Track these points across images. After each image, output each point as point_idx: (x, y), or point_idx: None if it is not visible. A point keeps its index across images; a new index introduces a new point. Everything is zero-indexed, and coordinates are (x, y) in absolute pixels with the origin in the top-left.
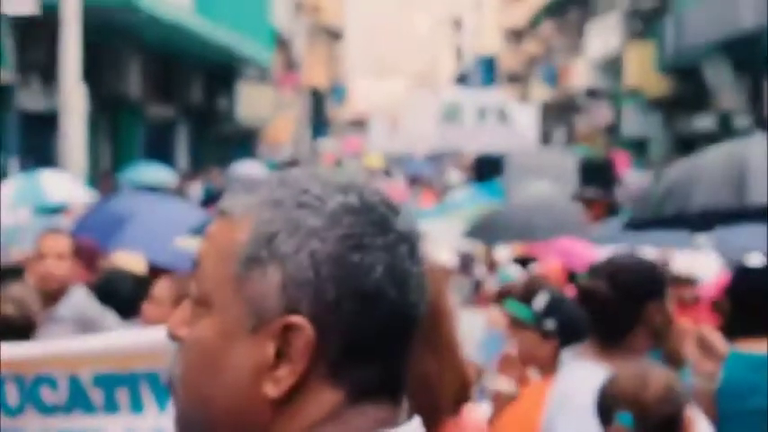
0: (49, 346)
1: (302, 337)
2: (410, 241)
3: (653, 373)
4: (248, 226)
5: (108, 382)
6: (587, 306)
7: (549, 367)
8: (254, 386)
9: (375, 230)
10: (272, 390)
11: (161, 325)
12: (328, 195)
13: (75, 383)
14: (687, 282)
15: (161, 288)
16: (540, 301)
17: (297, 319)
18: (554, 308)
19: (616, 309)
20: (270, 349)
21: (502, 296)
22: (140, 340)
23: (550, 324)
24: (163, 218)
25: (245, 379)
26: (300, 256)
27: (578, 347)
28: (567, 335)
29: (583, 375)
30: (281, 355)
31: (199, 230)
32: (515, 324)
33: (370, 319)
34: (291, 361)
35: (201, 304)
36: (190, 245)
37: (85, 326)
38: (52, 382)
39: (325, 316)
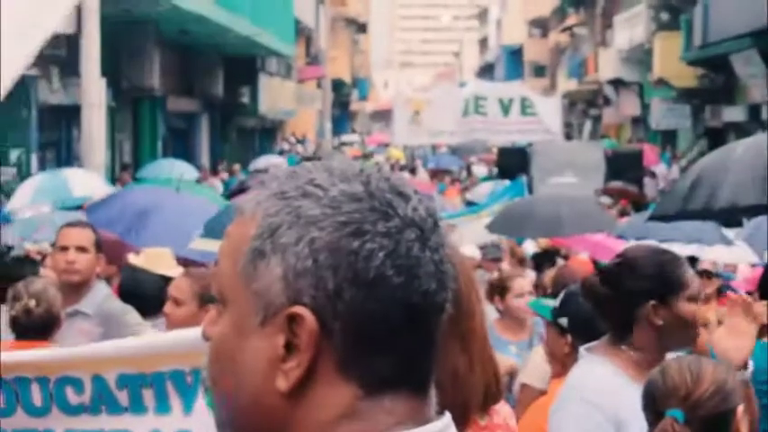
0: (73, 349)
1: (305, 328)
2: (421, 227)
3: (706, 368)
4: (256, 220)
5: (133, 383)
6: (589, 302)
7: (568, 363)
8: (267, 380)
9: (377, 216)
10: (282, 383)
11: (182, 323)
12: (331, 184)
13: (100, 384)
14: (708, 276)
15: (180, 286)
16: (559, 299)
17: (298, 309)
18: (567, 304)
19: (612, 307)
20: (279, 342)
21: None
22: (165, 341)
23: (564, 321)
24: (184, 211)
25: (260, 373)
26: (300, 246)
27: (593, 343)
28: (579, 331)
29: (587, 369)
30: (290, 348)
31: (211, 230)
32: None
33: (374, 306)
34: (299, 352)
35: (221, 302)
36: (203, 245)
37: (108, 322)
38: (77, 383)
39: (326, 305)
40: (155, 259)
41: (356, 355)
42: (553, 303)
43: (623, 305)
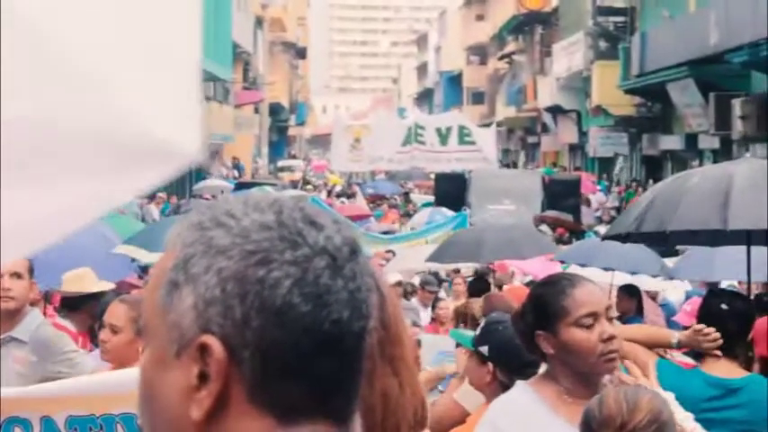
0: (22, 390)
1: (213, 357)
2: (333, 256)
3: (642, 398)
4: (175, 252)
5: (82, 425)
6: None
7: (488, 392)
8: (183, 411)
9: (285, 245)
10: (195, 412)
11: (119, 350)
12: (244, 213)
13: (48, 426)
14: (629, 294)
15: (116, 313)
16: (480, 327)
17: (206, 338)
18: (487, 333)
19: (519, 337)
20: (193, 372)
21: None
22: (114, 382)
23: (485, 349)
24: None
25: (176, 405)
26: (209, 275)
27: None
28: (499, 359)
29: (511, 397)
30: (204, 378)
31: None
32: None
33: (282, 334)
34: (210, 382)
35: (145, 335)
36: (128, 251)
37: (42, 349)
38: (25, 424)
39: (235, 333)
40: (78, 281)
41: (267, 384)
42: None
43: (525, 338)
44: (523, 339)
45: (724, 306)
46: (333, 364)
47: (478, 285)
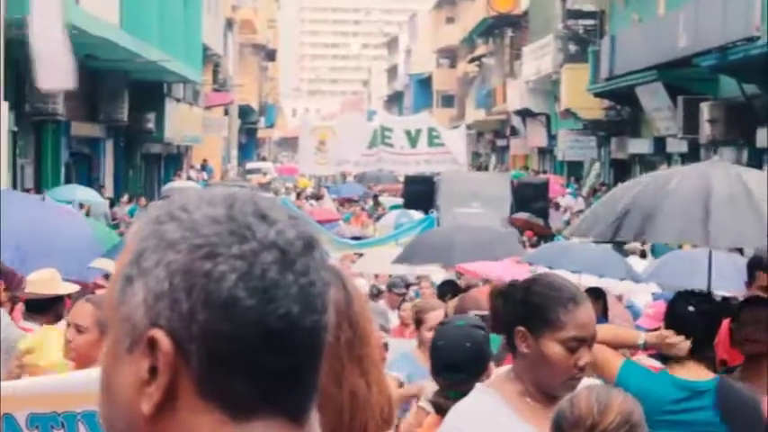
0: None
1: (161, 350)
2: (283, 250)
3: (614, 399)
4: (131, 247)
5: (44, 423)
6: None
7: None
8: (135, 406)
9: (233, 239)
10: (144, 406)
11: (84, 350)
12: (197, 207)
13: (9, 423)
14: (595, 297)
15: (81, 313)
16: None
17: (155, 332)
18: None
19: (494, 318)
20: (144, 366)
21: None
22: (76, 381)
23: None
24: (41, 219)
25: (129, 399)
26: (158, 269)
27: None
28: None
29: (473, 399)
30: (154, 372)
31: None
32: None
33: (228, 328)
34: (158, 376)
35: (104, 330)
36: (105, 265)
37: (7, 349)
38: None
39: (182, 327)
40: (45, 283)
41: (214, 379)
42: None
43: (503, 324)
44: (499, 323)
45: (691, 308)
46: (282, 359)
47: (447, 288)
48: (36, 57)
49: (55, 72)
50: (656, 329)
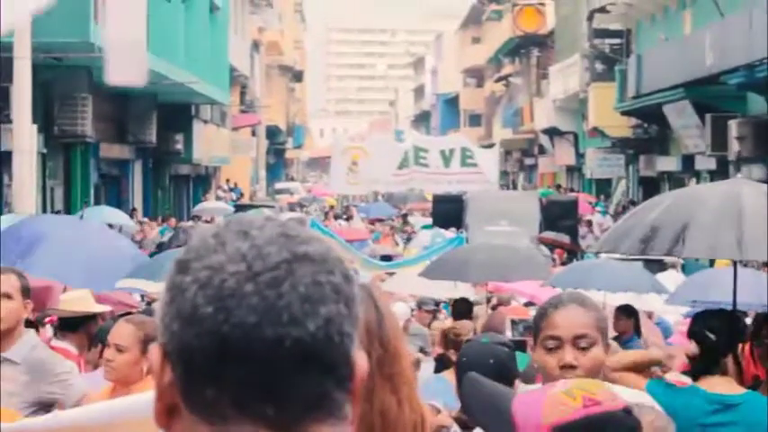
0: (24, 423)
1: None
2: (249, 264)
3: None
4: None
5: None
6: None
7: None
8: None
9: (205, 252)
10: (156, 417)
11: (125, 369)
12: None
13: None
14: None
15: (122, 333)
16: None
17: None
18: (466, 352)
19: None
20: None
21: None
22: (128, 405)
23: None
24: (80, 239)
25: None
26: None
27: None
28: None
29: None
30: None
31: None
32: None
33: (192, 338)
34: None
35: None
36: (131, 285)
37: (35, 370)
38: None
39: (165, 341)
40: (77, 302)
41: (191, 388)
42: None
43: None
44: None
45: (714, 323)
46: (247, 369)
47: (462, 307)
48: (109, 49)
49: (128, 67)
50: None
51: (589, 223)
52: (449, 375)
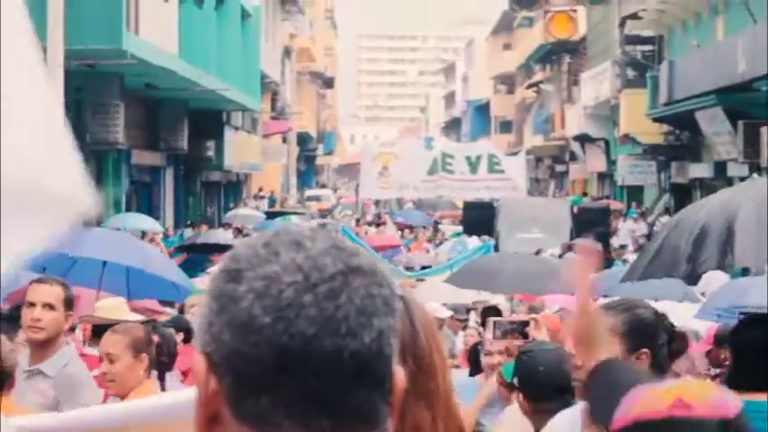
0: (68, 416)
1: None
2: (306, 274)
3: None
4: None
5: None
6: None
7: (533, 420)
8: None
9: (258, 262)
10: (196, 427)
11: (121, 376)
12: (247, 239)
13: None
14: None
15: (110, 343)
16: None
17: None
18: (518, 363)
19: None
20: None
21: None
22: (167, 404)
23: (516, 379)
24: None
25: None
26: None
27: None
28: (526, 388)
29: (559, 418)
30: None
31: None
32: None
33: (248, 347)
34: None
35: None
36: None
37: (65, 385)
38: None
39: (213, 350)
40: (112, 309)
41: (243, 397)
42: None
43: None
44: None
45: (743, 331)
46: (304, 380)
47: (492, 315)
48: None
49: None
50: (708, 351)
51: (615, 231)
52: (479, 379)
